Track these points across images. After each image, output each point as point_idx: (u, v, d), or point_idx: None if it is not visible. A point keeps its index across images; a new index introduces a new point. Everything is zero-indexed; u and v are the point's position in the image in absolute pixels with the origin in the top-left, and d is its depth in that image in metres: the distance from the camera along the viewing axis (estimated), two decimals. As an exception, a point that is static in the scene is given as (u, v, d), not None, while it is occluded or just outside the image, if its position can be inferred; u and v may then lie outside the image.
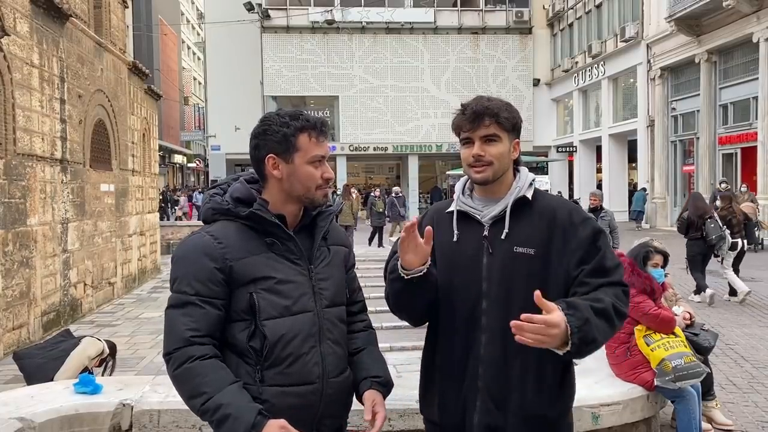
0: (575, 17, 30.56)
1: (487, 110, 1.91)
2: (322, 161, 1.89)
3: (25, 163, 8.03)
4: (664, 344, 3.78)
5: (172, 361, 1.74)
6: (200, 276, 1.77)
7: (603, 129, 27.69)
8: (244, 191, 1.90)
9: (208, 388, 1.69)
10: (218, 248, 1.79)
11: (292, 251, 1.85)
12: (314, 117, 1.89)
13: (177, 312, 1.77)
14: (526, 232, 1.92)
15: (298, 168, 1.85)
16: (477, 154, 1.93)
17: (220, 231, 1.83)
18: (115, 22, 12.35)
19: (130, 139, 12.88)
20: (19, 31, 7.89)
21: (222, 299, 1.78)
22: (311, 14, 31.77)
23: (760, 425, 4.55)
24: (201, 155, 53.71)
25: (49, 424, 2.75)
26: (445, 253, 1.99)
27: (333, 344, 1.89)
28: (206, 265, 1.77)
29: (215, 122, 35.37)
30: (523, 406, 1.89)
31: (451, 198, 2.09)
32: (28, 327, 7.97)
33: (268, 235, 1.83)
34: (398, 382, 3.09)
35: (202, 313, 1.76)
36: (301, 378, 1.81)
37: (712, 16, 18.92)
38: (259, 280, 1.79)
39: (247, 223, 1.83)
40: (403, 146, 32.94)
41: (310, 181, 1.86)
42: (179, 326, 1.75)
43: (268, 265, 1.81)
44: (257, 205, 1.83)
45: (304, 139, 1.86)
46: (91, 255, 10.32)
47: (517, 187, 1.97)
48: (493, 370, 1.91)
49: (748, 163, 18.78)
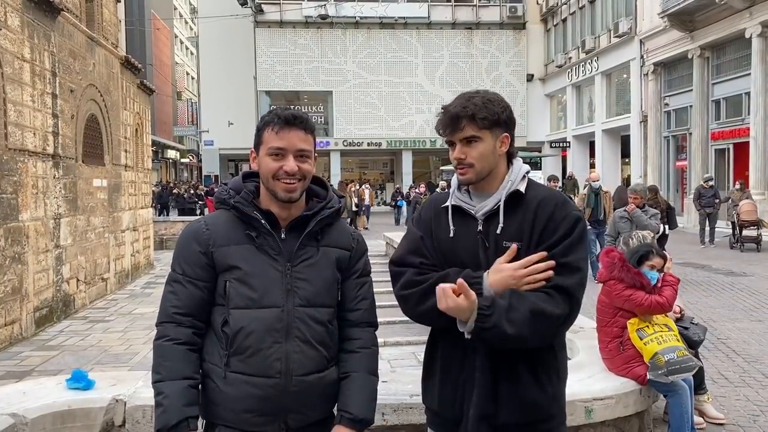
0: (569, 12, 30.59)
1: (463, 112, 1.90)
2: (284, 154, 1.89)
3: (16, 158, 7.98)
4: (657, 338, 3.79)
5: (157, 332, 1.92)
6: (188, 258, 1.91)
7: (596, 124, 27.76)
8: (237, 182, 2.00)
9: (164, 372, 1.84)
10: (205, 234, 1.91)
11: (272, 247, 1.90)
12: (290, 111, 1.92)
13: (168, 288, 1.94)
14: (516, 226, 1.93)
15: (261, 160, 1.92)
16: (457, 157, 1.95)
17: (212, 218, 1.97)
18: (107, 16, 12.27)
19: (123, 134, 12.82)
20: (10, 25, 7.83)
21: (206, 282, 1.90)
22: (305, 9, 31.69)
23: (752, 419, 4.58)
24: (194, 150, 53.56)
25: (42, 419, 2.74)
26: (443, 248, 2.00)
27: (302, 343, 1.88)
28: (193, 249, 1.91)
29: (208, 117, 35.27)
30: (515, 396, 1.91)
31: (449, 190, 2.10)
32: (20, 323, 7.94)
33: (250, 228, 1.90)
34: (392, 376, 3.11)
35: (186, 292, 1.89)
36: (261, 370, 1.85)
37: (705, 12, 18.97)
38: (233, 269, 1.87)
39: (236, 214, 1.92)
40: (397, 141, 32.94)
41: (267, 172, 1.90)
42: (166, 302, 1.92)
43: (243, 256, 1.88)
44: (239, 197, 1.92)
45: (268, 131, 1.91)
46: (83, 251, 10.28)
47: (509, 181, 1.97)
48: (487, 361, 1.93)
49: (740, 159, 18.88)
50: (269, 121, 1.91)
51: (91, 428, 2.83)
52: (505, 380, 1.92)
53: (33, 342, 7.94)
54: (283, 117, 1.90)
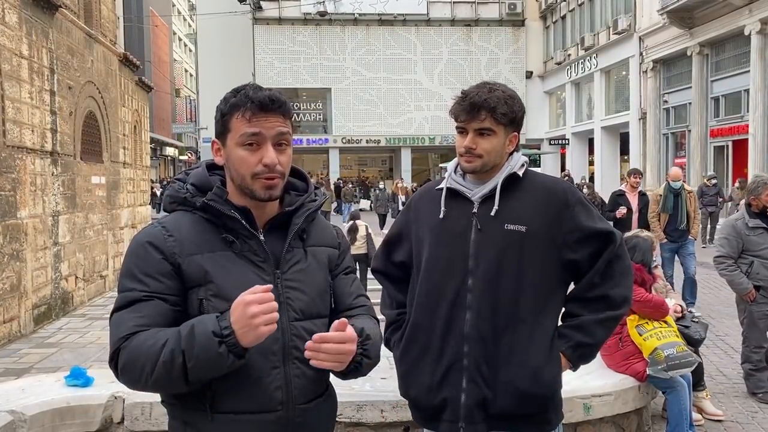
0: (568, 9, 30.55)
1: (485, 103, 1.90)
2: (259, 143, 1.52)
3: (14, 155, 7.96)
4: (656, 334, 3.80)
5: (118, 357, 1.44)
6: (148, 270, 1.48)
7: (595, 122, 27.75)
8: (202, 177, 1.61)
9: (163, 338, 1.40)
10: (168, 241, 1.51)
11: (255, 252, 1.54)
12: (264, 93, 1.54)
13: (122, 312, 1.47)
14: (517, 210, 1.93)
15: (231, 152, 1.55)
16: (468, 146, 1.95)
17: (172, 222, 1.55)
18: (105, 13, 12.24)
19: (121, 131, 12.80)
20: (7, 21, 7.81)
21: (176, 295, 1.49)
22: (303, 6, 31.61)
23: (750, 415, 4.59)
24: (193, 148, 53.48)
25: (41, 416, 2.74)
26: (432, 230, 2.01)
27: (302, 364, 1.52)
28: (154, 257, 1.49)
29: (207, 114, 35.15)
30: (512, 382, 1.91)
31: (443, 177, 2.11)
32: (18, 320, 7.93)
33: (227, 231, 1.53)
34: (391, 373, 3.10)
35: (152, 305, 1.46)
36: (260, 405, 1.50)
37: (704, 9, 18.95)
38: (210, 283, 1.49)
39: (204, 216, 1.55)
40: (396, 139, 32.91)
41: (242, 167, 1.53)
42: (120, 325, 1.46)
43: (221, 266, 1.50)
44: (212, 194, 1.54)
45: (237, 116, 1.53)
46: (82, 248, 10.27)
47: (508, 166, 1.99)
48: (480, 347, 1.92)
49: (739, 156, 18.87)
50: (237, 104, 1.53)
51: (89, 425, 2.82)
52: (499, 367, 1.92)
53: (31, 339, 7.93)
54: (257, 101, 1.52)
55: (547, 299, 1.95)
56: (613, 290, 1.97)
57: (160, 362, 1.38)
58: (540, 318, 1.93)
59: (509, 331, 1.90)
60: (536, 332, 1.91)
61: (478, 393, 1.92)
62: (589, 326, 1.96)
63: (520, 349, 1.91)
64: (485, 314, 1.91)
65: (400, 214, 2.25)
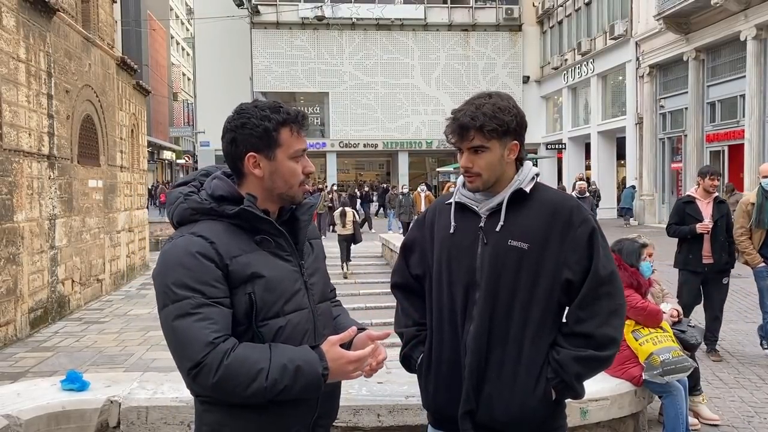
0: (565, 15, 30.64)
1: (471, 123, 1.90)
2: (303, 155, 1.79)
3: (11, 158, 7.95)
4: (652, 339, 3.81)
5: (206, 369, 1.56)
6: (203, 278, 1.61)
7: (592, 126, 27.80)
8: (228, 188, 1.75)
9: (263, 364, 1.58)
10: (213, 248, 1.64)
11: (283, 248, 1.74)
12: (293, 109, 1.77)
13: (188, 321, 1.58)
14: (523, 226, 1.93)
15: (281, 164, 1.74)
16: (465, 166, 1.97)
17: (208, 231, 1.67)
18: (103, 16, 12.25)
19: (119, 134, 12.80)
20: (5, 25, 7.82)
21: (228, 297, 1.64)
22: (301, 10, 31.67)
23: (746, 420, 4.60)
24: (190, 151, 53.46)
25: (36, 421, 2.73)
26: (442, 244, 2.03)
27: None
28: (206, 266, 1.61)
29: (204, 118, 35.20)
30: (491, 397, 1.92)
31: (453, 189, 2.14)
32: (15, 324, 7.91)
33: (257, 233, 1.71)
34: (387, 378, 3.10)
35: (218, 311, 1.60)
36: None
37: (700, 14, 19.03)
38: (258, 278, 1.66)
39: (233, 222, 1.70)
40: (394, 143, 32.95)
41: (293, 177, 1.76)
42: (198, 332, 1.57)
43: (263, 263, 1.69)
44: (248, 201, 1.70)
45: (286, 133, 1.73)
46: (79, 251, 10.25)
47: (517, 180, 1.98)
48: (476, 359, 1.94)
49: (735, 161, 18.92)
50: (284, 121, 1.73)
51: (85, 429, 2.82)
52: (492, 380, 1.93)
53: (27, 343, 7.91)
54: (300, 118, 1.76)
55: (539, 321, 1.92)
56: (599, 329, 1.90)
57: (261, 387, 1.58)
58: (531, 338, 1.91)
59: (499, 347, 1.92)
60: (526, 352, 1.90)
61: (468, 404, 1.94)
62: (567, 363, 1.91)
63: (508, 366, 1.92)
64: (483, 327, 1.93)
65: (413, 228, 2.24)
